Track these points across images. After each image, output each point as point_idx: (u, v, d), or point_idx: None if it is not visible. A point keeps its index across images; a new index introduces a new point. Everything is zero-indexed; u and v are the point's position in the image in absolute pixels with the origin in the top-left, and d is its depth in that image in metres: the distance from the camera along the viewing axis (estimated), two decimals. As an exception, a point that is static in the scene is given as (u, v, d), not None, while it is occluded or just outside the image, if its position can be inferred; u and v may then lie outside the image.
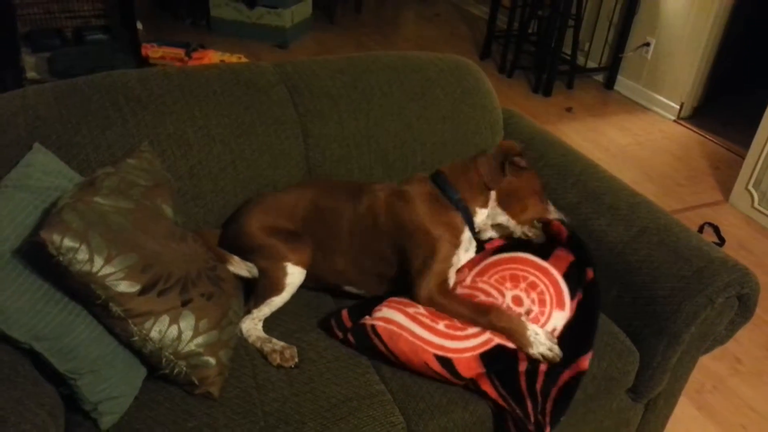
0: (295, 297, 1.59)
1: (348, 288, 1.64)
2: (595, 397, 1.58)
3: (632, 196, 1.81)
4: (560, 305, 1.51)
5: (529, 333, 1.42)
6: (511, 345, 1.43)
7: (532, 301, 1.49)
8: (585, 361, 1.43)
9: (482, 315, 1.44)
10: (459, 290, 1.56)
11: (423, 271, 1.50)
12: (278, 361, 1.43)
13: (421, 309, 1.48)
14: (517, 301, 1.49)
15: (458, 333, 1.43)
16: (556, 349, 1.43)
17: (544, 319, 1.48)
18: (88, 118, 1.55)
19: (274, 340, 1.47)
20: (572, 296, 1.54)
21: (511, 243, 1.68)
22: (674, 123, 4.24)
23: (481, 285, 1.54)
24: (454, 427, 1.41)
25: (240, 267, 1.59)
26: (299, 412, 1.33)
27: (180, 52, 3.99)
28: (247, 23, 4.85)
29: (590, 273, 1.56)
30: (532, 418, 1.36)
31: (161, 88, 1.65)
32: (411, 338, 1.41)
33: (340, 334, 1.50)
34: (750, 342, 2.48)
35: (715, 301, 1.52)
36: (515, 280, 1.53)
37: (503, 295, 1.50)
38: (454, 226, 1.57)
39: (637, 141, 3.99)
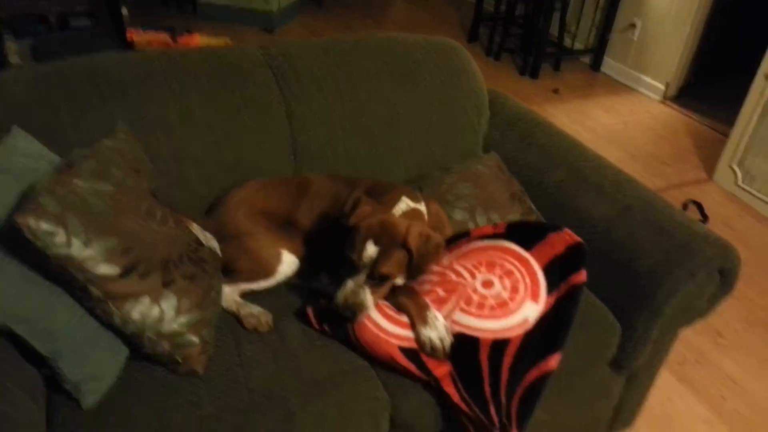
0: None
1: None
2: (577, 371, 1.60)
3: (617, 175, 1.82)
4: (534, 297, 1.47)
5: (429, 313, 1.39)
6: (470, 333, 1.40)
7: (504, 287, 1.46)
8: (553, 361, 1.39)
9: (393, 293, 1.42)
10: (432, 269, 1.53)
11: None
12: (253, 324, 1.44)
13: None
14: (488, 284, 1.47)
15: None
16: (447, 342, 1.37)
17: (515, 306, 1.44)
18: (68, 101, 1.54)
19: (251, 305, 1.48)
20: (549, 291, 1.49)
21: (500, 232, 1.63)
22: (660, 103, 4.26)
23: (455, 266, 1.51)
24: (436, 402, 1.42)
25: (199, 235, 1.53)
26: (283, 388, 1.34)
27: (166, 36, 3.97)
28: (234, 7, 4.81)
29: (582, 276, 1.50)
30: (497, 422, 1.33)
31: (143, 71, 1.64)
32: (374, 329, 1.39)
33: (317, 326, 1.47)
34: (731, 316, 2.51)
35: (697, 275, 1.54)
36: (491, 265, 1.50)
37: (474, 277, 1.48)
38: None
39: (623, 121, 4.01)
